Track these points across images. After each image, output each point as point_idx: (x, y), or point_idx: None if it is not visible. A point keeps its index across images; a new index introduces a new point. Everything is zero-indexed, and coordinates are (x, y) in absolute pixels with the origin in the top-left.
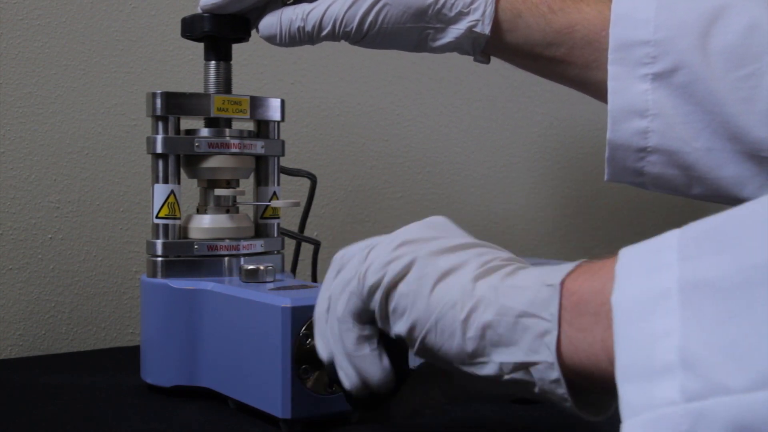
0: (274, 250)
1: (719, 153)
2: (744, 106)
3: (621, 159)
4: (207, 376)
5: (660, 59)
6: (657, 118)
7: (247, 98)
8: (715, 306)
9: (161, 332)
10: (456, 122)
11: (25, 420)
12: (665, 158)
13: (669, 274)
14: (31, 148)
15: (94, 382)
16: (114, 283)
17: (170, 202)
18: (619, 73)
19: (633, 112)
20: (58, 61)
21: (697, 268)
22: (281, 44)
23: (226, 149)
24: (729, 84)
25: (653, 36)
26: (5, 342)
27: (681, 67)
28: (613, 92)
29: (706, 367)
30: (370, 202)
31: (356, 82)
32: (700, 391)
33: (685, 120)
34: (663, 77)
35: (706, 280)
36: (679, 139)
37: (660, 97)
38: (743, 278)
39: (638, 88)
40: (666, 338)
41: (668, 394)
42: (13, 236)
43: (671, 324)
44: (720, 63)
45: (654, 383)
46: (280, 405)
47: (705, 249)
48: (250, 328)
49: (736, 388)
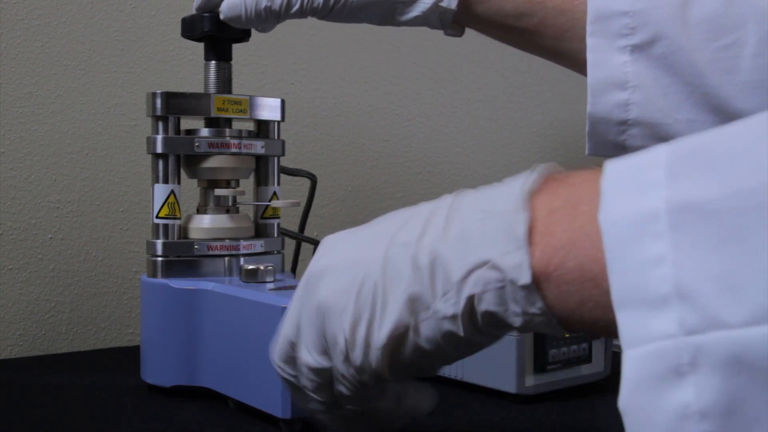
0: (274, 250)
1: (701, 124)
2: (725, 77)
3: (602, 132)
4: (207, 376)
5: (639, 30)
6: (637, 90)
7: (247, 98)
8: (706, 231)
9: (161, 332)
10: (456, 122)
11: (25, 420)
12: (646, 131)
13: (657, 193)
14: (31, 148)
15: (94, 382)
16: (114, 283)
17: (170, 202)
18: (598, 45)
19: (613, 84)
20: (58, 61)
21: (687, 189)
22: (247, 24)
23: (226, 149)
24: (709, 54)
25: (632, 6)
26: (5, 342)
27: (660, 38)
28: (593, 65)
29: (702, 299)
30: (370, 202)
31: (356, 82)
32: (698, 324)
33: (666, 92)
34: (642, 48)
35: (696, 202)
36: (660, 111)
37: (640, 68)
38: (734, 203)
39: (617, 60)
40: (659, 265)
41: (666, 326)
42: (13, 236)
43: (662, 249)
44: (700, 33)
45: (651, 314)
46: (280, 405)
47: (694, 168)
48: (251, 328)
49: (734, 323)
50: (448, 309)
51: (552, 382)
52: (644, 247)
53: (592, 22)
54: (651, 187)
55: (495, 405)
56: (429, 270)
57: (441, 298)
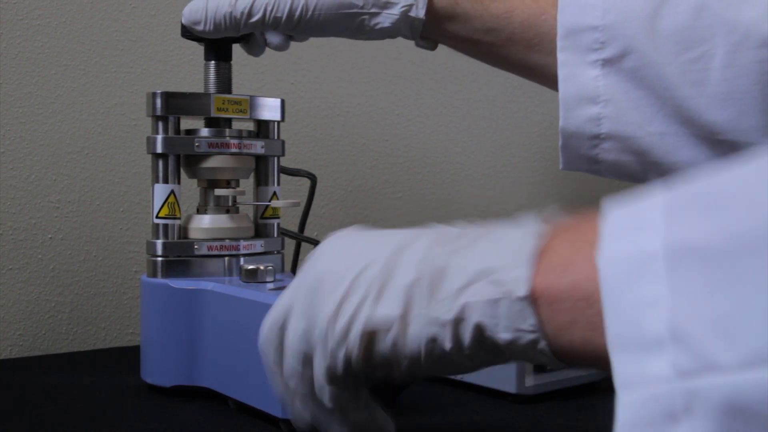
0: (274, 250)
1: (673, 137)
2: (695, 90)
3: (575, 147)
4: (207, 376)
5: (609, 44)
6: (609, 104)
7: (247, 98)
8: (702, 275)
9: (161, 332)
10: (456, 122)
11: (25, 420)
12: (619, 144)
13: (654, 236)
14: (31, 148)
15: (94, 382)
16: (114, 283)
17: (170, 202)
18: (569, 60)
19: (584, 98)
20: (58, 61)
21: (684, 232)
22: (205, 32)
23: (226, 149)
24: (679, 67)
25: (601, 21)
26: (5, 342)
27: (630, 51)
28: (564, 79)
29: (696, 342)
30: (370, 202)
31: (356, 82)
32: (692, 367)
33: (637, 105)
34: (613, 62)
35: (693, 245)
36: (632, 124)
37: (611, 82)
38: (730, 246)
39: (589, 74)
40: (655, 307)
41: (660, 369)
42: (13, 236)
43: (659, 291)
44: (669, 46)
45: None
46: (280, 405)
47: (692, 211)
48: (251, 328)
49: (727, 366)
50: (440, 313)
51: (552, 382)
52: (640, 289)
53: (562, 37)
54: (649, 230)
55: (495, 405)
56: (432, 274)
57: (437, 302)
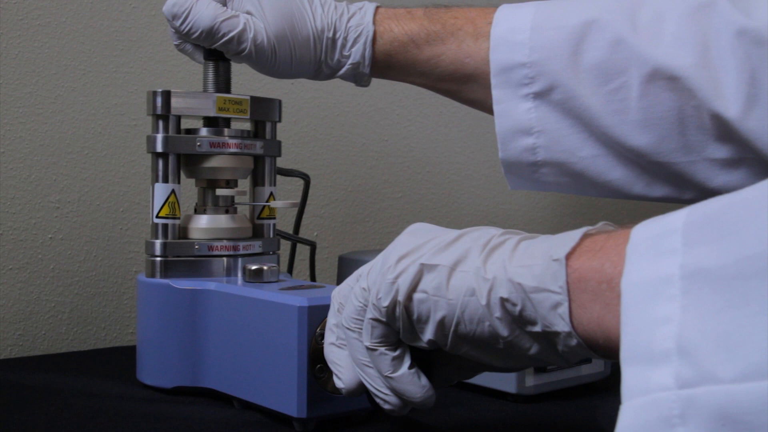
0: (270, 251)
1: (604, 159)
2: (617, 117)
3: (516, 173)
4: (210, 376)
5: (537, 80)
6: (542, 135)
7: (247, 98)
8: (713, 295)
9: (162, 333)
10: (456, 122)
11: (25, 420)
12: (556, 169)
13: (673, 259)
14: (31, 148)
15: (95, 382)
16: (114, 283)
17: (171, 201)
18: (503, 96)
19: (519, 131)
20: (58, 61)
21: (699, 256)
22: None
23: (227, 149)
24: (601, 98)
25: (528, 58)
26: (5, 342)
27: (556, 85)
28: (499, 115)
29: (699, 356)
30: (370, 202)
31: None
32: (692, 378)
33: (568, 133)
34: (542, 96)
35: (707, 268)
36: (565, 151)
37: (542, 114)
38: (739, 269)
39: (522, 108)
40: (666, 325)
41: (663, 380)
42: (13, 236)
43: (672, 311)
44: (590, 79)
45: (652, 369)
46: (296, 404)
47: (707, 235)
48: (263, 328)
49: (725, 378)
50: (483, 271)
51: (552, 382)
52: (656, 308)
53: (495, 74)
54: (668, 253)
55: (495, 405)
56: (488, 253)
57: (484, 266)
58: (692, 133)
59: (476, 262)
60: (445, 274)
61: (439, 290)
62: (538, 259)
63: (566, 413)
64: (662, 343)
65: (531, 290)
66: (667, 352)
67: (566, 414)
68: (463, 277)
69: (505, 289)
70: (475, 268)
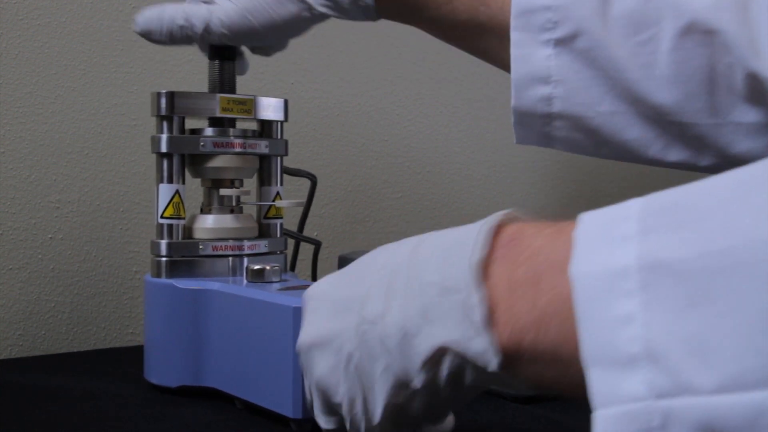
0: (277, 251)
1: (622, 116)
2: (644, 72)
3: (527, 124)
4: (214, 376)
5: (561, 24)
6: (560, 85)
7: (252, 98)
8: (675, 291)
9: (166, 332)
10: (456, 122)
11: (25, 420)
12: (570, 123)
13: (628, 248)
14: (31, 148)
15: (95, 382)
16: (114, 283)
17: (175, 201)
18: (522, 40)
19: (536, 78)
20: (58, 61)
21: (658, 246)
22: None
23: (231, 149)
24: (628, 50)
25: (554, 1)
26: (5, 342)
27: (582, 32)
28: (516, 59)
29: (671, 362)
30: (370, 202)
31: (356, 82)
32: (667, 388)
33: (588, 85)
34: (565, 43)
35: (667, 261)
36: (582, 104)
37: (562, 62)
38: (704, 263)
39: (541, 54)
40: (629, 324)
41: (636, 388)
42: (13, 236)
43: (632, 308)
44: (619, 28)
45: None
46: (291, 405)
47: (667, 224)
48: (260, 329)
49: (703, 389)
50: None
51: None
52: (614, 305)
53: (516, 16)
54: (623, 242)
55: (495, 405)
56: (399, 349)
57: (419, 372)
58: (722, 93)
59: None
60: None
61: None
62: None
63: (566, 413)
64: (628, 346)
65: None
66: (634, 356)
67: (566, 414)
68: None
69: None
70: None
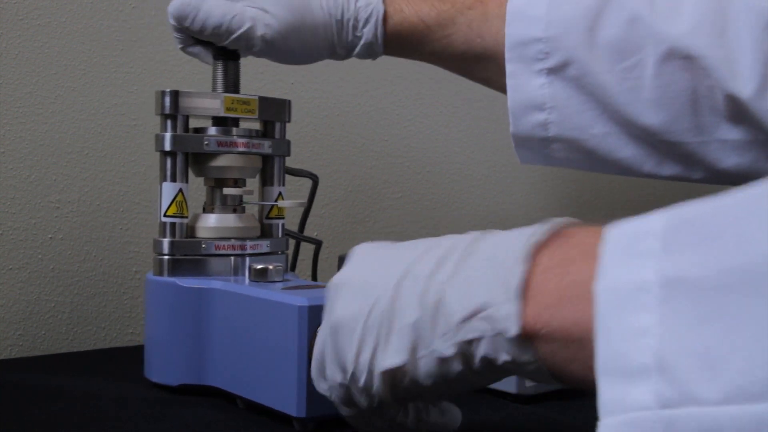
0: (278, 251)
1: (615, 137)
2: (631, 96)
3: (528, 148)
4: (216, 375)
5: (552, 55)
6: (554, 111)
7: (255, 98)
8: (691, 307)
9: (168, 331)
10: (456, 122)
11: (25, 420)
12: (567, 145)
13: (650, 264)
14: (31, 148)
15: (95, 382)
16: (114, 283)
17: (178, 200)
18: (517, 70)
19: (532, 106)
20: (58, 61)
21: (679, 263)
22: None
23: (235, 148)
24: (616, 75)
25: (545, 33)
26: (5, 342)
27: (571, 61)
28: (512, 89)
29: (680, 374)
30: (370, 202)
31: (356, 82)
32: (673, 398)
33: (581, 110)
34: (556, 71)
35: (686, 277)
36: (576, 128)
37: (555, 90)
38: (720, 281)
39: (535, 83)
40: (644, 337)
41: (643, 397)
42: (13, 236)
43: (649, 321)
44: (606, 56)
45: (630, 384)
46: (295, 403)
47: (687, 241)
48: (265, 328)
49: (707, 400)
50: (445, 349)
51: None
52: (633, 318)
53: (510, 48)
54: (646, 258)
55: (495, 405)
56: (433, 309)
57: (440, 338)
58: (705, 113)
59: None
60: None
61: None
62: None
63: (566, 413)
64: (640, 358)
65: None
66: (645, 367)
67: (566, 414)
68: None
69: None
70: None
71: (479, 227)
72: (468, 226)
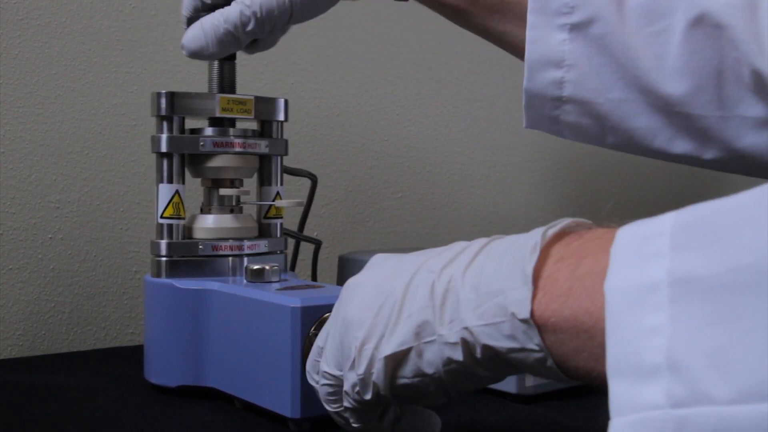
0: (277, 250)
1: (631, 104)
2: (655, 62)
3: (537, 107)
4: (213, 375)
5: (578, 10)
6: (572, 69)
7: (251, 98)
8: (702, 306)
9: (166, 332)
10: (456, 122)
11: (25, 420)
12: (579, 108)
13: (660, 264)
14: (31, 148)
15: (95, 382)
16: (114, 283)
17: (175, 202)
18: (538, 22)
19: (549, 62)
20: (58, 61)
21: (689, 262)
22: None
23: (231, 148)
24: (642, 39)
25: None
26: (5, 342)
27: (597, 19)
28: (531, 41)
29: (692, 373)
30: (370, 202)
31: (356, 82)
32: (685, 397)
33: (600, 71)
34: (580, 28)
35: (697, 276)
36: (592, 90)
37: (576, 47)
38: (732, 279)
39: (555, 38)
40: (655, 336)
41: (654, 397)
42: (13, 236)
43: (660, 320)
44: (634, 18)
45: (641, 384)
46: (290, 404)
47: (697, 240)
48: (259, 328)
49: (720, 400)
50: (450, 336)
51: (552, 382)
52: (643, 317)
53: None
54: (655, 257)
55: (495, 405)
56: (442, 297)
57: (447, 325)
58: (729, 86)
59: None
60: (415, 355)
61: (418, 371)
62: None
63: (566, 413)
64: (651, 357)
65: (507, 351)
66: (656, 366)
67: (566, 414)
68: (432, 348)
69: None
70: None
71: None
72: (468, 226)
